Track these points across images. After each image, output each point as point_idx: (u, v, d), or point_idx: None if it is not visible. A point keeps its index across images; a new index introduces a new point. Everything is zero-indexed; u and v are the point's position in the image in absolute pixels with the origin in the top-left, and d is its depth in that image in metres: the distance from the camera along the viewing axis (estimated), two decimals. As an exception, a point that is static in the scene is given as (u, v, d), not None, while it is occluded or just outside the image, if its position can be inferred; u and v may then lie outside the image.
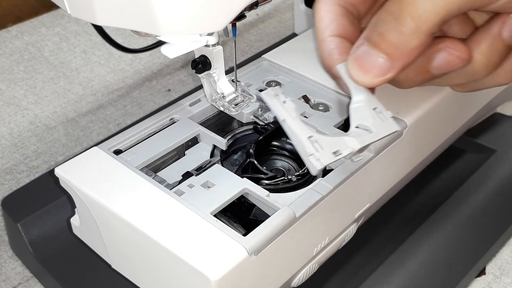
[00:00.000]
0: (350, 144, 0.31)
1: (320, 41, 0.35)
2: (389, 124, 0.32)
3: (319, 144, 0.30)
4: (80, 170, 0.34)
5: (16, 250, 0.45)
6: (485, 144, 0.49)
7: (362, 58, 0.31)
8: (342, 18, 0.35)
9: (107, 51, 0.69)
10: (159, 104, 0.60)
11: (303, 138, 0.29)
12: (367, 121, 0.32)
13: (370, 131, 0.31)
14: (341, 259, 0.40)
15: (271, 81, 0.42)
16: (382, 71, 0.31)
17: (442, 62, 0.33)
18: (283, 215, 0.31)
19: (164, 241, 0.29)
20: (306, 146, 0.29)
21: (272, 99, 0.30)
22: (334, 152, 0.30)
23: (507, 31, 0.33)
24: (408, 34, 0.30)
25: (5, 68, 0.66)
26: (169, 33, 0.28)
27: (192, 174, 0.34)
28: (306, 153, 0.29)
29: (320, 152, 0.29)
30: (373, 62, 0.31)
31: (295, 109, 0.30)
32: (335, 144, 0.30)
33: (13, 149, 0.55)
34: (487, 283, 0.43)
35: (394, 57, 0.31)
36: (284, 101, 0.30)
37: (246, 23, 0.74)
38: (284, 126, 0.30)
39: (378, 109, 0.32)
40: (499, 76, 0.35)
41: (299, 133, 0.30)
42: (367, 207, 0.38)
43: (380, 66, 0.31)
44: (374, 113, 0.32)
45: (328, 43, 0.34)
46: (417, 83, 0.35)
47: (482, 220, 0.44)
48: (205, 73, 0.35)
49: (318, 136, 0.30)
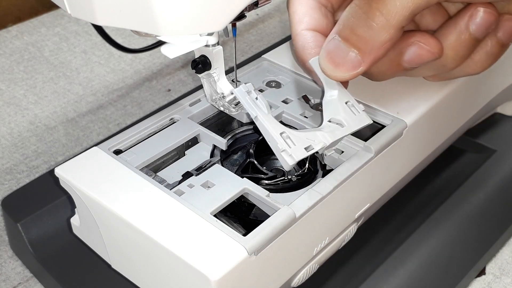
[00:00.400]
0: (322, 139, 0.31)
1: (294, 35, 0.36)
2: (361, 118, 0.33)
3: (291, 140, 0.30)
4: (80, 170, 0.34)
5: (16, 250, 0.45)
6: (485, 144, 0.49)
7: (333, 52, 0.32)
8: (315, 12, 0.35)
9: (107, 51, 0.69)
10: (159, 104, 0.60)
11: (275, 134, 0.30)
12: (339, 115, 0.32)
13: (342, 125, 0.32)
14: (341, 259, 0.40)
15: (271, 81, 0.42)
16: (354, 65, 0.31)
17: (413, 56, 0.34)
18: (283, 215, 0.31)
19: (164, 241, 0.29)
20: (278, 142, 0.30)
21: (244, 96, 0.31)
22: (306, 148, 0.30)
23: (474, 25, 0.33)
24: (378, 28, 0.30)
25: (5, 68, 0.66)
26: (169, 33, 0.28)
27: (192, 174, 0.34)
28: (279, 149, 0.30)
29: (292, 148, 0.30)
30: (344, 57, 0.31)
31: (267, 105, 0.31)
32: (307, 139, 0.31)
33: (13, 149, 0.55)
34: (487, 283, 0.43)
35: (365, 51, 0.31)
36: (256, 98, 0.31)
37: (246, 23, 0.74)
38: (257, 123, 0.31)
39: (350, 102, 0.33)
40: (469, 67, 0.36)
41: (271, 129, 0.30)
42: (367, 207, 0.38)
43: (351, 60, 0.31)
44: (346, 107, 0.33)
45: (302, 37, 0.35)
46: (390, 76, 0.36)
47: (482, 220, 0.44)
48: (205, 73, 0.35)
49: (290, 131, 0.30)
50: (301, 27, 0.35)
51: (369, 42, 0.31)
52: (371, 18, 0.30)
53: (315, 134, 0.31)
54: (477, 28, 0.33)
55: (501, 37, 0.35)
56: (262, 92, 0.40)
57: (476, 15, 0.33)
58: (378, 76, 0.36)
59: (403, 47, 0.34)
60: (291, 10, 0.36)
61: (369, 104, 0.38)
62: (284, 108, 0.39)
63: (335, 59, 0.32)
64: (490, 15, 0.33)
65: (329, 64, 0.32)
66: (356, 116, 0.33)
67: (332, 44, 0.32)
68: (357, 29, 0.31)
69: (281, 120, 0.39)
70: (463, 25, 0.34)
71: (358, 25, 0.31)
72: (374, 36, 0.30)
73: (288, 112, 0.38)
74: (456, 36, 0.34)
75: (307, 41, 0.35)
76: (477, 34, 0.34)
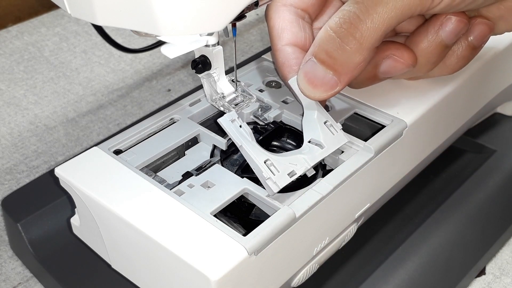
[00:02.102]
0: (303, 163, 0.33)
1: (274, 50, 0.37)
2: (339, 137, 0.35)
3: (275, 167, 0.32)
4: (80, 170, 0.34)
5: (16, 250, 0.45)
6: (485, 144, 0.49)
7: (310, 74, 0.33)
8: (293, 26, 0.37)
9: (107, 51, 0.69)
10: (159, 104, 0.60)
11: (260, 163, 0.31)
12: (318, 136, 0.34)
13: (321, 146, 0.34)
14: (341, 259, 0.40)
15: (271, 81, 0.42)
16: (331, 85, 0.33)
17: (388, 68, 0.35)
18: (283, 215, 0.31)
19: (164, 241, 0.29)
20: (263, 170, 0.31)
21: (229, 125, 0.32)
22: (289, 173, 0.32)
23: (444, 32, 0.34)
24: (351, 52, 0.32)
25: (5, 68, 0.66)
26: (169, 33, 0.28)
27: (192, 174, 0.34)
28: (264, 177, 0.31)
29: (276, 175, 0.32)
30: (321, 78, 0.33)
31: (251, 133, 0.32)
32: (290, 164, 0.32)
33: (13, 149, 0.55)
34: (487, 283, 0.43)
35: (341, 72, 0.32)
36: (240, 126, 0.32)
37: (246, 23, 0.74)
38: (242, 151, 0.32)
39: (328, 122, 0.35)
40: (441, 70, 0.37)
41: (256, 157, 0.32)
42: (367, 207, 0.38)
43: (328, 81, 0.33)
44: (324, 127, 0.34)
45: (282, 53, 0.36)
46: (367, 85, 0.37)
47: (482, 220, 0.44)
48: (205, 73, 0.35)
49: (274, 158, 0.32)
50: (281, 42, 0.36)
51: (344, 64, 0.32)
52: (345, 43, 0.31)
53: (296, 158, 0.33)
54: (447, 35, 0.34)
55: (473, 41, 0.36)
56: (262, 92, 0.40)
57: (446, 22, 0.34)
58: (355, 85, 0.38)
59: (378, 60, 0.35)
60: (270, 24, 0.37)
61: (369, 104, 0.38)
62: (284, 108, 0.39)
63: (313, 80, 0.33)
64: (460, 22, 0.34)
65: (306, 84, 0.33)
66: (334, 136, 0.34)
67: (309, 65, 0.33)
68: (332, 52, 0.32)
69: (281, 120, 0.39)
70: (434, 32, 0.35)
71: (332, 48, 0.32)
72: (349, 58, 0.32)
73: (288, 112, 0.38)
74: (427, 43, 0.35)
75: (287, 57, 0.36)
76: (447, 41, 0.35)
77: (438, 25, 0.34)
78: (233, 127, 0.32)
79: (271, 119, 0.38)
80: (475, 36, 0.35)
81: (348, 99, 0.39)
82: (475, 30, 0.35)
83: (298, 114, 0.38)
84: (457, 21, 0.34)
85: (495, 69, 0.45)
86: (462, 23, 0.34)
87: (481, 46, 0.36)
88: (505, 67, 0.47)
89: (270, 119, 0.38)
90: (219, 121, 0.32)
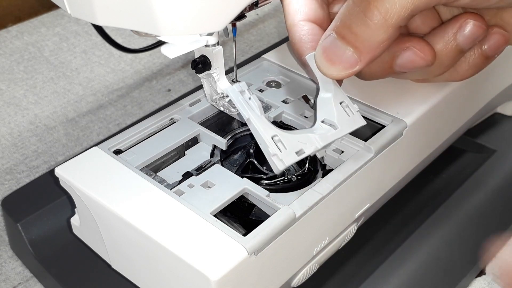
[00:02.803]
0: (314, 142, 0.31)
1: (291, 25, 0.35)
2: (355, 119, 0.32)
3: (283, 144, 0.30)
4: (80, 170, 0.34)
5: (16, 250, 0.45)
6: (485, 144, 0.49)
7: (330, 50, 0.31)
8: (312, 2, 0.35)
9: (107, 51, 0.69)
10: (159, 104, 0.60)
11: (267, 138, 0.29)
12: (333, 116, 0.32)
13: (335, 126, 0.32)
14: (341, 259, 0.40)
15: (271, 81, 0.42)
16: (350, 63, 0.31)
17: (406, 60, 0.34)
18: (283, 215, 0.31)
19: (164, 241, 0.29)
20: (269, 146, 0.29)
21: (237, 95, 0.30)
22: (297, 152, 0.30)
23: (462, 36, 0.33)
24: (375, 28, 0.30)
25: (5, 68, 0.66)
26: (169, 33, 0.28)
27: (192, 174, 0.34)
28: (269, 153, 0.29)
29: (283, 152, 0.29)
30: (340, 55, 0.31)
31: (260, 106, 0.30)
32: (299, 142, 0.30)
33: (13, 149, 0.55)
34: (487, 283, 0.43)
35: (362, 50, 0.31)
36: (250, 98, 0.30)
37: (246, 23, 0.74)
38: (249, 125, 0.30)
39: (345, 103, 0.32)
40: (451, 75, 0.37)
41: (263, 132, 0.30)
42: (367, 207, 0.38)
43: (347, 59, 0.31)
44: (340, 108, 0.32)
45: (299, 28, 0.34)
46: (379, 77, 0.36)
47: (482, 220, 0.44)
48: (205, 73, 0.35)
49: (282, 134, 0.30)
50: (298, 17, 0.34)
51: (366, 41, 0.30)
52: (368, 17, 0.30)
53: (307, 137, 0.31)
54: (464, 40, 0.34)
55: (487, 50, 0.35)
56: (262, 92, 0.40)
57: (465, 26, 0.33)
58: (367, 76, 0.36)
59: (397, 51, 0.34)
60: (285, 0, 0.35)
61: (369, 104, 0.38)
62: (284, 108, 0.39)
63: (331, 57, 0.31)
64: (478, 28, 0.33)
65: (325, 61, 0.31)
66: (350, 118, 0.32)
67: (328, 41, 0.31)
68: (354, 27, 0.30)
69: (281, 120, 0.39)
70: (451, 35, 0.34)
71: (355, 23, 0.30)
72: (372, 35, 0.30)
73: (288, 112, 0.38)
74: (443, 45, 0.34)
75: (304, 33, 0.34)
76: (463, 45, 0.34)
77: (456, 27, 0.33)
78: (241, 98, 0.30)
79: (271, 119, 0.38)
80: (490, 45, 0.35)
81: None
82: (491, 39, 0.35)
83: (298, 114, 0.38)
84: (476, 26, 0.33)
85: (495, 69, 0.45)
86: (481, 29, 0.33)
87: (494, 56, 0.36)
88: (505, 67, 0.47)
89: (270, 119, 0.38)
90: (227, 90, 0.30)
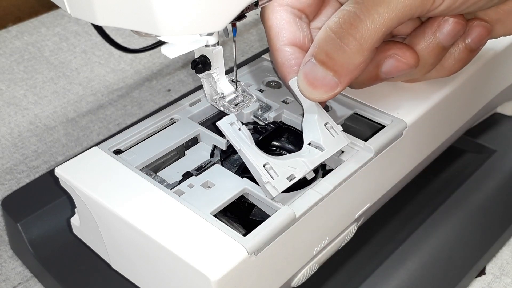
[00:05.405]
0: (303, 166, 0.32)
1: (273, 50, 0.36)
2: (339, 139, 0.34)
3: (274, 171, 0.31)
4: (80, 170, 0.34)
5: (16, 250, 0.45)
6: (485, 144, 0.49)
7: (310, 75, 0.33)
8: (291, 25, 0.36)
9: (107, 51, 0.69)
10: (159, 104, 0.60)
11: (259, 167, 0.31)
12: (318, 138, 0.33)
13: (321, 148, 0.33)
14: (341, 259, 0.40)
15: (271, 81, 0.42)
16: (331, 86, 0.32)
17: (390, 67, 0.35)
18: (283, 215, 0.31)
19: (164, 241, 0.29)
20: (262, 174, 0.31)
21: (227, 128, 0.32)
22: (288, 177, 0.32)
23: (441, 34, 0.34)
24: (352, 53, 0.31)
25: (5, 68, 0.66)
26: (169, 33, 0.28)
27: (192, 174, 0.34)
28: (263, 182, 0.31)
29: (275, 179, 0.31)
30: (321, 79, 0.32)
31: (250, 136, 0.32)
32: (289, 168, 0.32)
33: (13, 149, 0.55)
34: (487, 283, 0.43)
35: (341, 73, 0.32)
36: (239, 128, 0.32)
37: (246, 23, 0.74)
38: (241, 155, 0.32)
39: (329, 124, 0.34)
40: (438, 72, 0.37)
41: (255, 161, 0.31)
42: (367, 207, 0.38)
43: (328, 82, 0.32)
44: (325, 129, 0.34)
45: (281, 53, 0.36)
46: (367, 86, 0.37)
47: (482, 220, 0.44)
48: (205, 73, 0.35)
49: (273, 161, 0.32)
50: (280, 42, 0.36)
51: (344, 65, 0.32)
52: (345, 43, 0.31)
53: (296, 161, 0.32)
54: (444, 37, 0.34)
55: (470, 43, 0.36)
56: (262, 92, 0.40)
57: (443, 24, 0.34)
58: (356, 86, 0.37)
59: (380, 59, 0.35)
60: (267, 24, 0.37)
61: (369, 104, 0.38)
62: (284, 108, 0.39)
63: (313, 81, 0.32)
64: (457, 24, 0.34)
65: (307, 86, 0.33)
66: (334, 138, 0.34)
67: (308, 66, 0.33)
68: (332, 53, 0.32)
69: (281, 120, 0.39)
70: (431, 34, 0.34)
71: (332, 49, 0.31)
72: (349, 59, 0.31)
73: (288, 112, 0.38)
74: (425, 45, 0.35)
75: (286, 58, 0.35)
76: (444, 42, 0.35)
77: (435, 26, 0.34)
78: (232, 130, 0.32)
79: (271, 119, 0.38)
80: (473, 38, 0.35)
81: (348, 99, 0.39)
82: (473, 32, 0.35)
83: (298, 114, 0.38)
84: (455, 23, 0.34)
85: (495, 69, 0.45)
86: (459, 25, 0.34)
87: (478, 48, 0.36)
88: (505, 67, 0.47)
89: (270, 119, 0.38)
90: (218, 124, 0.32)
